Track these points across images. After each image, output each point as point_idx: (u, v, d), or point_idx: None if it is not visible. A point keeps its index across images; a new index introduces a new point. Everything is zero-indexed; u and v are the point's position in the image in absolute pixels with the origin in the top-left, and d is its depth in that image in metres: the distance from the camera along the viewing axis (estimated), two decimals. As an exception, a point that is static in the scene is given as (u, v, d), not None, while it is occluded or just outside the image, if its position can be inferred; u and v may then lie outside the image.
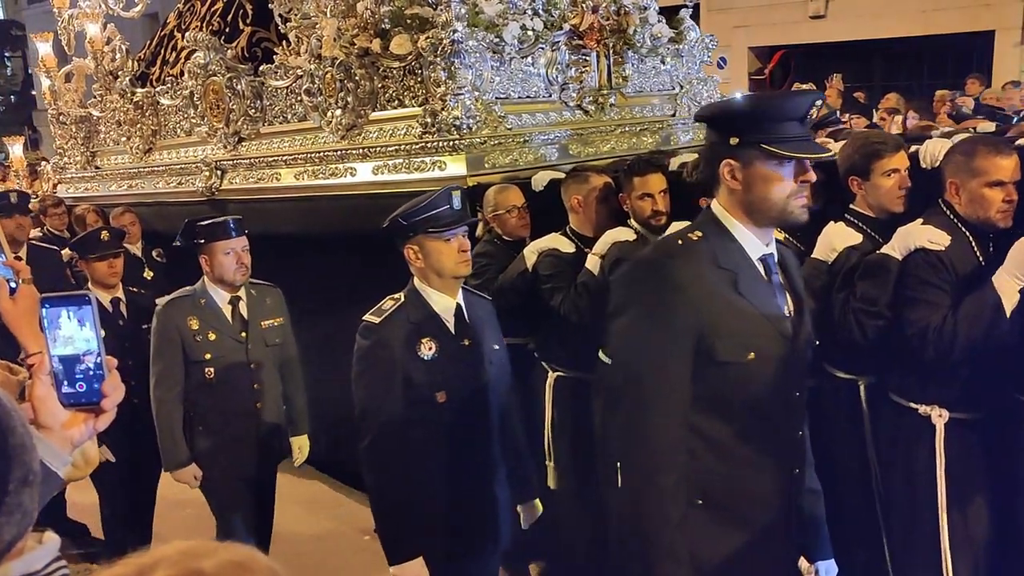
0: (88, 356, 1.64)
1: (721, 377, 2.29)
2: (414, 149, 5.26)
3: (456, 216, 3.27)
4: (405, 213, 3.24)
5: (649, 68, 6.12)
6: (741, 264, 2.34)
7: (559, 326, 4.32)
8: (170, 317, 4.34)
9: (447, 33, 5.01)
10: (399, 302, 3.29)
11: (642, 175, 4.24)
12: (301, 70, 5.80)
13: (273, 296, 4.63)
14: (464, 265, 3.28)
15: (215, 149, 6.42)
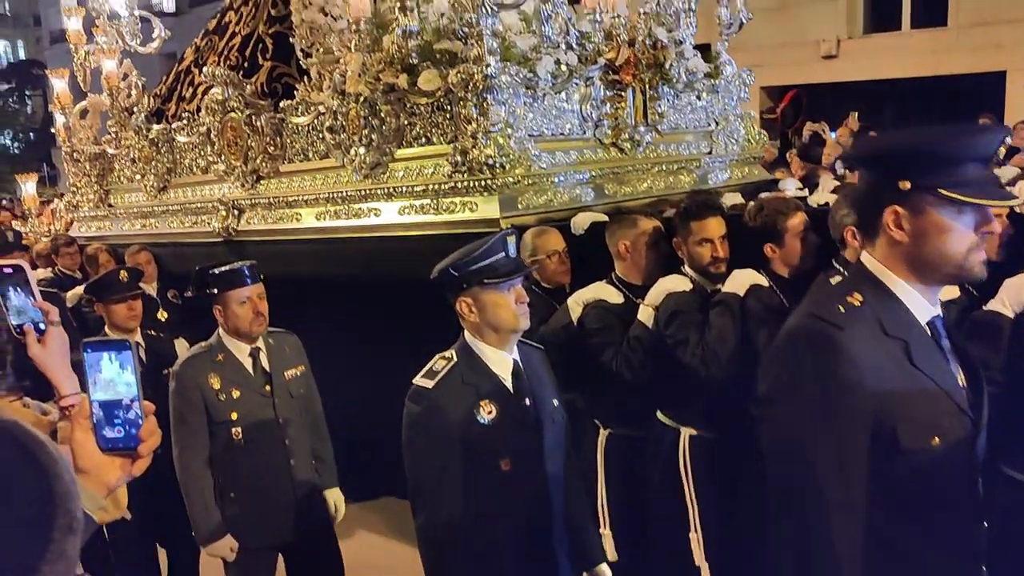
0: (128, 401, 1.62)
1: (903, 467, 1.84)
2: (443, 189, 4.79)
3: (513, 265, 2.80)
4: (457, 263, 2.77)
5: (684, 104, 5.65)
6: (911, 330, 1.90)
7: (610, 382, 3.83)
8: (189, 377, 3.85)
9: (479, 68, 4.56)
10: (451, 362, 2.83)
11: (700, 219, 3.76)
12: (323, 106, 5.34)
13: (292, 343, 4.15)
14: (523, 318, 2.82)
15: (232, 188, 5.96)
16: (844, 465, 1.85)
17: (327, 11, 5.46)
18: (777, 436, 1.96)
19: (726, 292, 3.67)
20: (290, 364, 4.02)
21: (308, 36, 5.52)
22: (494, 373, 2.86)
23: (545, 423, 2.91)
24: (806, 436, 1.87)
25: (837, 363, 1.84)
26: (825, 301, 2.01)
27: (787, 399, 1.92)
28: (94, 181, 6.99)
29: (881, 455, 1.85)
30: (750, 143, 5.92)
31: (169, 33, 7.00)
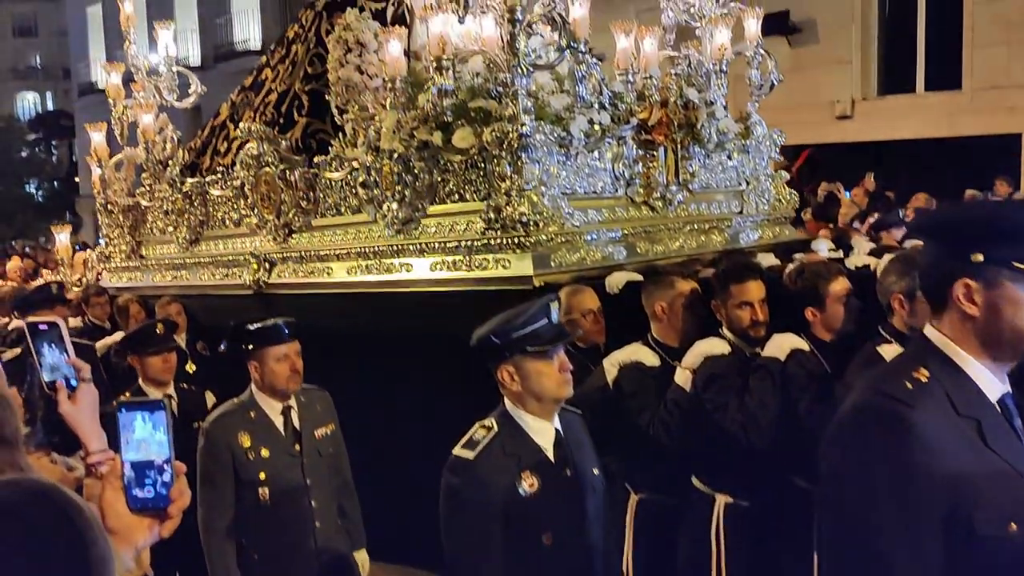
0: (160, 462, 1.60)
1: (978, 555, 1.72)
2: (476, 245, 4.72)
3: (557, 332, 2.70)
4: (499, 330, 2.67)
5: (715, 164, 5.59)
6: (983, 409, 1.79)
7: (645, 446, 3.70)
8: (219, 435, 3.75)
9: (514, 127, 4.52)
10: (492, 431, 2.72)
11: (740, 282, 3.66)
12: (357, 162, 5.30)
13: (323, 401, 4.05)
14: (566, 386, 2.71)
15: (264, 241, 5.91)
16: (916, 552, 1.73)
17: (363, 70, 5.45)
18: (840, 519, 1.84)
19: (766, 356, 3.56)
20: (321, 422, 3.92)
21: (344, 94, 5.50)
22: (536, 443, 2.75)
23: (587, 493, 2.79)
24: (874, 520, 1.76)
25: (908, 443, 1.73)
26: (890, 376, 1.90)
27: (853, 480, 1.81)
28: (127, 232, 6.96)
29: (955, 542, 1.73)
30: (780, 203, 5.84)
31: (204, 89, 7.01)
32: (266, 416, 3.79)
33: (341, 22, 5.49)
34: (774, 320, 3.71)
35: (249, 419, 3.76)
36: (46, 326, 2.25)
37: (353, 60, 5.45)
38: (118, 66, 6.92)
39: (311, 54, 5.96)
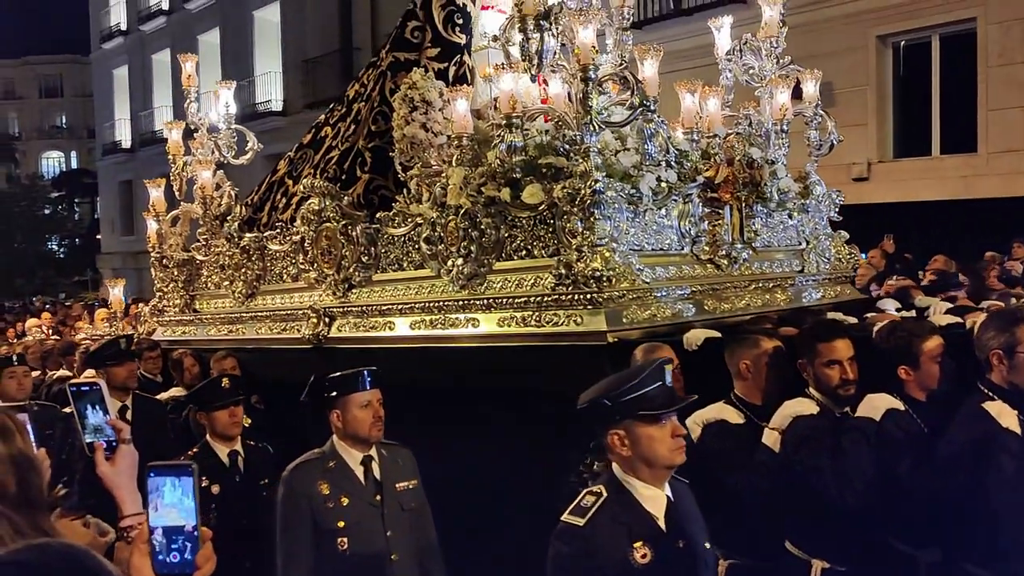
0: (188, 527, 1.61)
1: None
2: (546, 301, 4.64)
3: (670, 396, 2.59)
4: (611, 392, 2.56)
5: (776, 222, 5.52)
6: None
7: (734, 509, 3.57)
8: (298, 483, 3.65)
9: (587, 183, 4.46)
10: (601, 498, 2.59)
11: (828, 341, 3.56)
12: (422, 217, 5.25)
13: (405, 457, 3.95)
14: (679, 453, 2.59)
15: (323, 295, 5.84)
16: None
17: (428, 127, 5.42)
18: None
19: (861, 417, 3.45)
20: (402, 477, 3.81)
21: (408, 151, 5.47)
22: (647, 512, 2.62)
23: (699, 567, 2.66)
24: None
25: None
26: None
27: None
28: (181, 287, 6.90)
29: None
30: (840, 262, 5.76)
31: (261, 146, 7.01)
32: (346, 465, 3.71)
33: (407, 81, 5.48)
34: (863, 379, 3.60)
35: (329, 468, 3.68)
36: (88, 387, 2.27)
37: (418, 118, 5.42)
38: (179, 124, 6.93)
39: (375, 112, 5.95)
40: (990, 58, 13.44)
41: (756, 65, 5.68)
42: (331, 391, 3.73)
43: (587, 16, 4.49)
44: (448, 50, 5.87)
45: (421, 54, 5.87)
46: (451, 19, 5.88)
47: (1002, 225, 14.12)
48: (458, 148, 5.09)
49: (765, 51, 5.58)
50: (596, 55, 4.56)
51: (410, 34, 5.94)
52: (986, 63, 13.48)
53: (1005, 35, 12.28)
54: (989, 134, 14.35)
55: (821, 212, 5.74)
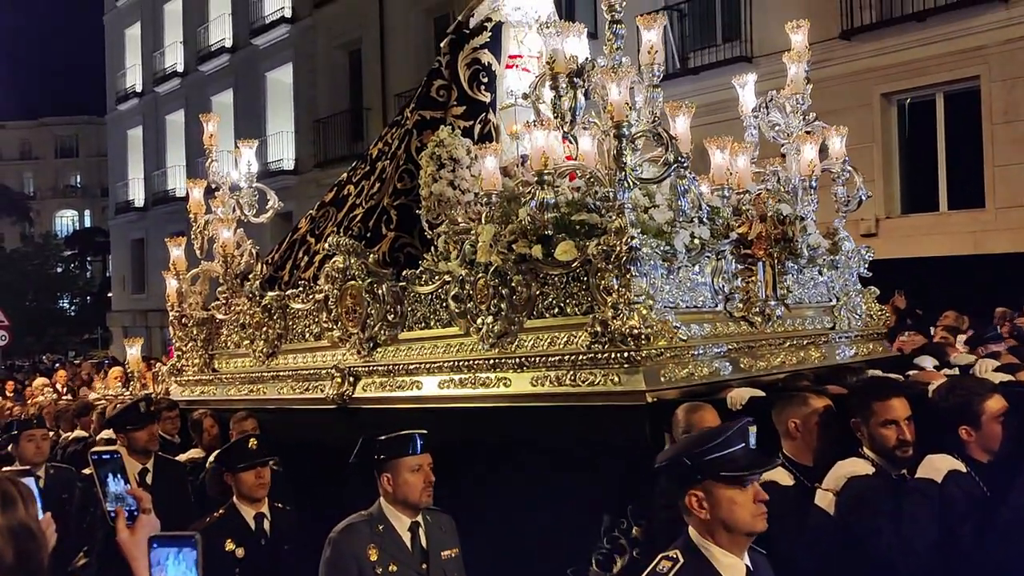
0: None
1: None
2: (581, 360, 4.48)
3: (754, 458, 2.43)
4: (692, 452, 2.41)
5: (807, 279, 5.39)
6: None
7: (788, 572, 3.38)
8: (348, 545, 3.51)
9: (622, 240, 4.33)
10: (677, 563, 2.43)
11: (883, 399, 3.41)
12: (450, 275, 5.12)
13: (447, 523, 3.80)
14: (761, 519, 2.42)
15: (347, 355, 5.68)
16: None
17: (455, 185, 5.33)
18: None
19: (922, 479, 3.28)
20: (446, 545, 3.66)
21: (435, 208, 5.37)
22: (727, 581, 2.46)
23: None
24: None
25: None
26: None
27: None
28: (200, 346, 6.75)
29: None
30: (872, 319, 5.62)
31: (282, 204, 6.93)
32: (394, 531, 3.57)
33: (434, 139, 5.40)
34: (920, 439, 3.43)
35: (378, 532, 3.56)
36: (108, 456, 2.27)
37: (446, 176, 5.33)
38: (200, 182, 6.86)
39: (401, 170, 5.87)
40: (994, 115, 13.43)
41: (782, 121, 5.60)
42: (382, 454, 3.59)
43: (619, 73, 4.42)
44: (474, 108, 5.81)
45: (447, 112, 5.81)
46: (476, 77, 5.83)
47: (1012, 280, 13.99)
48: (487, 205, 4.99)
49: (791, 107, 5.50)
50: (630, 111, 4.48)
51: (436, 92, 5.88)
52: (990, 120, 13.46)
53: (1008, 93, 12.28)
54: (996, 190, 14.29)
55: (851, 268, 5.62)
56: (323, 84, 21.23)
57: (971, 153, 14.07)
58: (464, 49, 5.85)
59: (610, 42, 4.70)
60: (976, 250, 14.56)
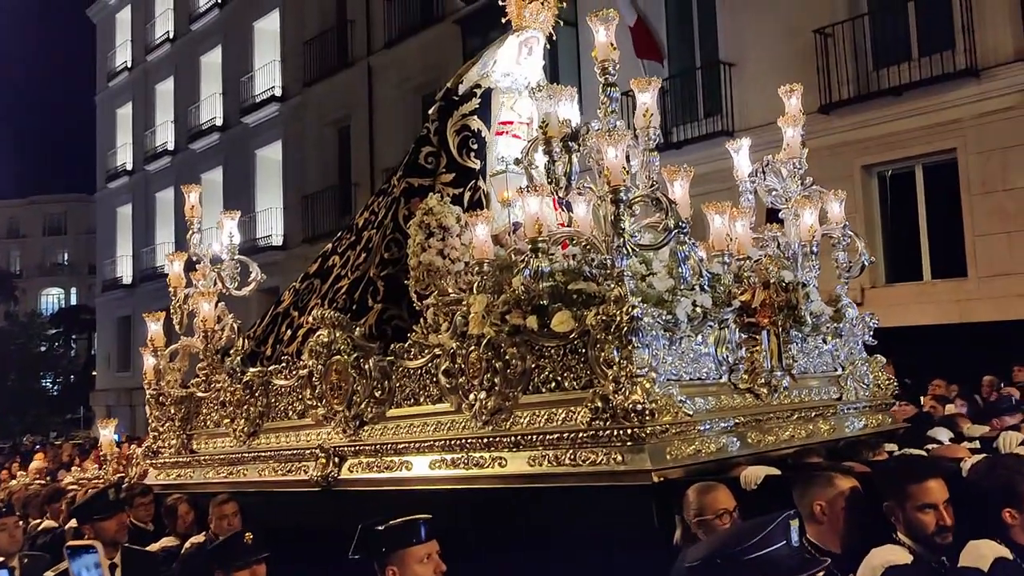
0: None
1: None
2: (581, 438, 4.16)
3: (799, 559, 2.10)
4: (728, 551, 2.08)
5: (812, 348, 5.11)
6: None
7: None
8: None
9: (623, 309, 4.04)
10: None
11: (919, 481, 3.09)
12: (440, 349, 4.81)
13: None
14: None
15: (333, 433, 5.32)
16: None
17: (445, 254, 5.05)
18: None
19: (967, 568, 2.94)
20: None
21: (424, 278, 5.07)
22: None
23: None
24: None
25: None
26: None
27: None
28: (178, 426, 6.36)
29: None
30: (880, 388, 5.32)
31: (264, 277, 6.62)
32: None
33: (423, 207, 5.14)
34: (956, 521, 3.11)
35: None
36: (84, 550, 2.28)
37: (435, 244, 5.05)
38: (180, 255, 6.55)
39: (388, 239, 5.59)
40: (972, 186, 13.35)
41: (778, 186, 5.39)
42: (384, 545, 3.23)
43: (615, 136, 4.18)
44: (463, 175, 5.58)
45: (435, 180, 5.57)
46: (465, 144, 5.61)
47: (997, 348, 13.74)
48: (479, 275, 4.71)
49: (787, 172, 5.29)
50: (627, 176, 4.24)
51: (424, 160, 5.65)
52: (969, 191, 13.38)
53: (985, 164, 12.22)
54: (978, 259, 14.15)
55: (856, 336, 5.34)
56: (312, 160, 21.16)
57: (952, 223, 13.96)
58: (453, 116, 5.64)
59: (604, 105, 4.48)
60: (961, 319, 14.33)
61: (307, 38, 20.91)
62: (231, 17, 24.04)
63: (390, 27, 18.31)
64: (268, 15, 22.91)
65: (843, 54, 11.55)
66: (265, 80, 23.02)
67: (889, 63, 10.18)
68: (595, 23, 4.43)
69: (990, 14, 10.12)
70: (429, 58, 17.24)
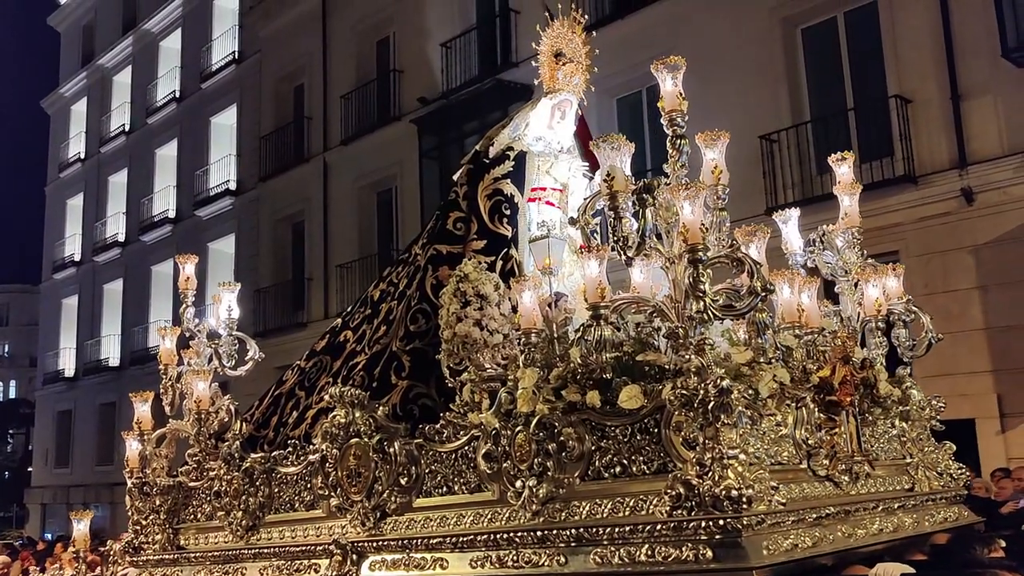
0: None
1: None
2: (660, 531, 3.49)
3: None
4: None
5: (880, 433, 4.54)
6: None
7: None
8: None
9: (707, 382, 3.45)
10: None
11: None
12: (479, 430, 4.15)
13: None
14: None
15: (348, 527, 4.56)
16: None
17: (483, 325, 4.44)
18: None
19: None
20: None
21: (459, 351, 4.44)
22: None
23: None
24: None
25: None
26: None
27: None
28: (163, 519, 5.51)
29: None
30: (952, 479, 4.75)
31: (263, 355, 5.91)
32: None
33: (456, 274, 4.55)
34: None
35: None
36: None
37: (472, 314, 4.45)
38: (173, 330, 5.82)
39: (413, 310, 4.95)
40: (915, 289, 13.15)
41: (832, 259, 4.92)
42: None
43: (693, 190, 3.67)
44: (495, 242, 5.02)
45: (466, 247, 5.00)
46: (498, 209, 5.07)
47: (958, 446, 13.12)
48: (526, 346, 4.09)
49: (847, 242, 4.83)
50: (706, 233, 3.71)
51: (452, 225, 5.08)
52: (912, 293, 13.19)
53: (926, 267, 12.08)
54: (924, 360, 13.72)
55: (923, 419, 4.79)
56: (265, 254, 20.48)
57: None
58: (484, 179, 5.11)
59: (673, 159, 3.98)
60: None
61: (263, 133, 20.54)
62: (188, 111, 23.59)
63: (347, 125, 18.05)
64: (225, 111, 22.51)
65: (787, 159, 11.55)
66: (220, 174, 22.46)
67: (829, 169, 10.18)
68: (662, 72, 3.97)
69: (925, 124, 10.23)
70: (385, 156, 16.99)
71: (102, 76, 27.69)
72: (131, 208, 26.00)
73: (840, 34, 11.61)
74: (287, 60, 20.17)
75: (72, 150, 29.29)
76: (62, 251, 29.30)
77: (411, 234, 16.22)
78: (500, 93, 14.46)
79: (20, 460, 40.59)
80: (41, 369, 31.10)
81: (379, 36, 18.12)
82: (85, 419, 26.62)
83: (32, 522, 29.44)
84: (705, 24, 12.43)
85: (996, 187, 9.64)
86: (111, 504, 22.69)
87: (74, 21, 29.82)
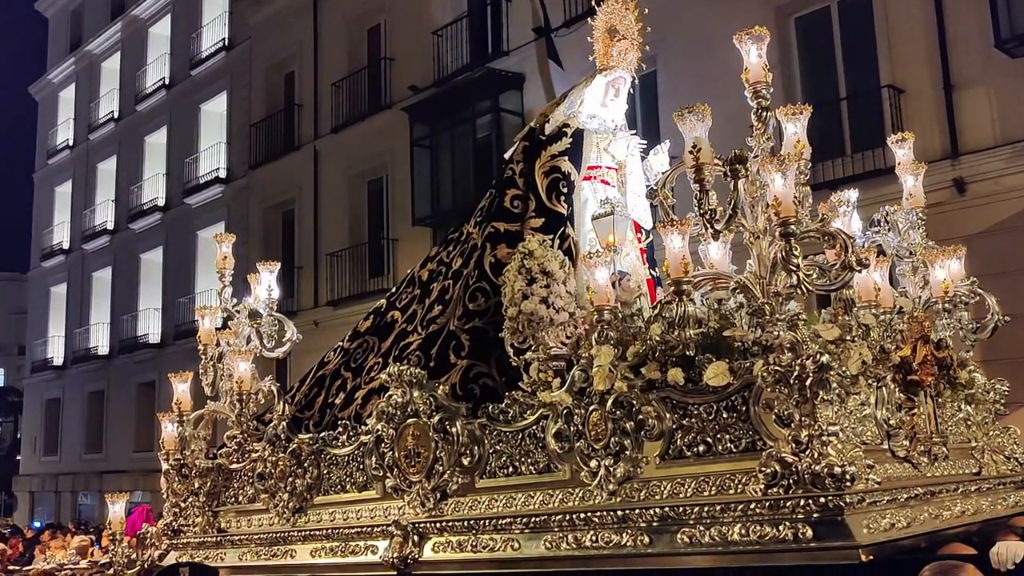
0: None
1: None
2: (753, 510, 3.37)
3: None
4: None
5: (948, 415, 4.45)
6: None
7: None
8: None
9: (805, 357, 3.33)
10: None
11: None
12: (548, 408, 4.01)
13: None
14: None
15: (407, 508, 4.41)
16: None
17: (550, 302, 4.29)
18: None
19: None
20: None
21: (524, 329, 4.29)
22: None
23: None
24: None
25: None
26: None
27: None
28: (203, 501, 5.32)
29: None
30: (1019, 463, 4.67)
31: (300, 336, 5.73)
32: None
33: (521, 251, 4.40)
34: None
35: None
36: None
37: (539, 291, 4.30)
38: (213, 310, 5.62)
39: (472, 289, 4.79)
40: None
41: (894, 240, 4.82)
42: None
43: (785, 162, 3.55)
44: (553, 220, 4.87)
45: (524, 225, 4.85)
46: (555, 187, 4.92)
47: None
48: (598, 323, 3.96)
49: (910, 223, 4.73)
50: (800, 206, 3.59)
51: (510, 203, 4.92)
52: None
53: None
54: None
55: (988, 403, 4.71)
56: (255, 243, 20.14)
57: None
58: (541, 156, 4.96)
59: (759, 132, 3.85)
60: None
61: (254, 121, 20.19)
62: (178, 99, 23.12)
63: (338, 113, 17.78)
64: (215, 98, 22.06)
65: (781, 148, 11.43)
66: (210, 162, 22.05)
67: (824, 158, 10.07)
68: (746, 43, 3.84)
69: (917, 114, 10.19)
70: (376, 145, 16.74)
71: (90, 62, 27.16)
72: (120, 196, 25.51)
73: (833, 23, 11.49)
74: (278, 47, 19.82)
75: (60, 137, 28.70)
76: (50, 239, 28.75)
77: (402, 223, 16.06)
78: (491, 81, 14.26)
79: (8, 448, 39.91)
80: (29, 357, 30.51)
81: (370, 24, 17.84)
82: (74, 407, 26.19)
83: (20, 510, 28.93)
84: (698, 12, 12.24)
85: (988, 177, 9.60)
86: (100, 492, 22.30)
87: (62, 7, 29.21)
